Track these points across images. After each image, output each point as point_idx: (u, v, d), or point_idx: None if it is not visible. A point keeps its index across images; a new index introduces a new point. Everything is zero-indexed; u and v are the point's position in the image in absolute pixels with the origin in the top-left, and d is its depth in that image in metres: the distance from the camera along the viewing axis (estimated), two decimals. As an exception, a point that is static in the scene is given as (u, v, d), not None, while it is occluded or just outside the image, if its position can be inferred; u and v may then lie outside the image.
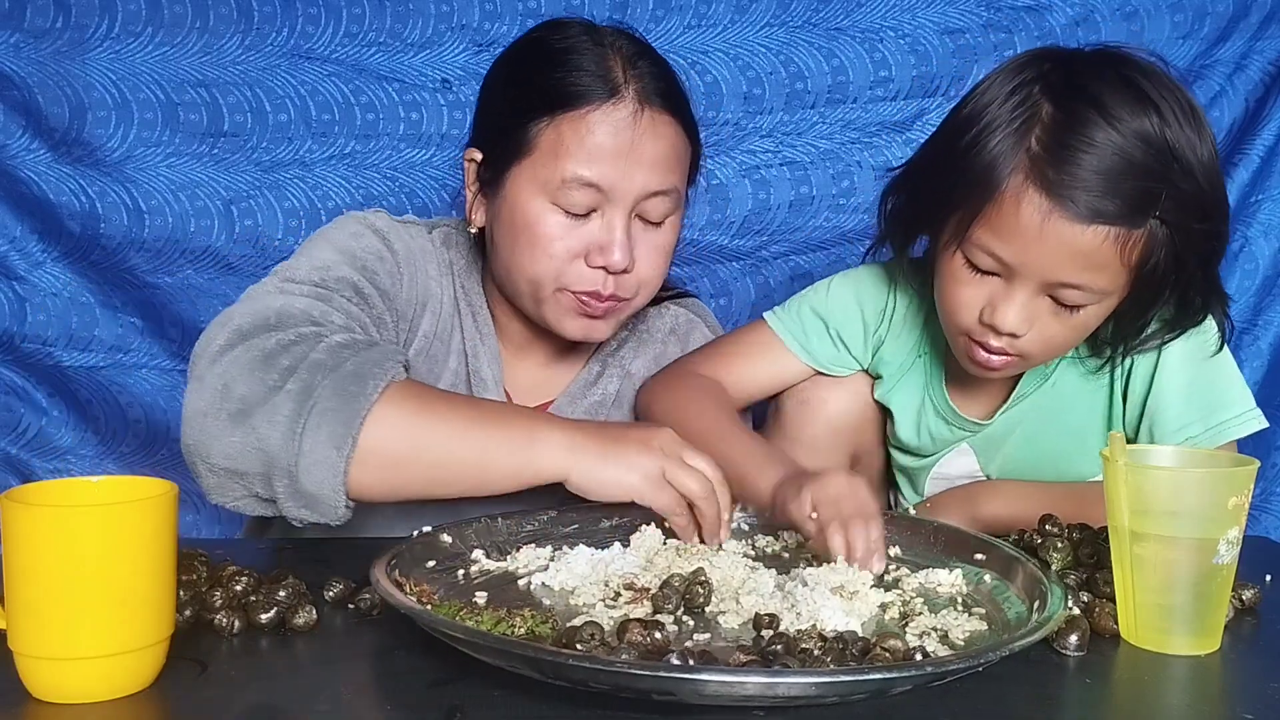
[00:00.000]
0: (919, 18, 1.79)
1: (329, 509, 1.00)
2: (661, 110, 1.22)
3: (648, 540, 1.06)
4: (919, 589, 0.98)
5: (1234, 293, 1.81)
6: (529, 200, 1.21)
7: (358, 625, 0.92)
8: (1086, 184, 1.06)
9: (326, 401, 0.98)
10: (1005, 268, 1.12)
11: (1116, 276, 1.11)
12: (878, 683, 0.75)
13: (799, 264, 1.83)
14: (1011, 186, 1.09)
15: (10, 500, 0.77)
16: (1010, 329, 1.13)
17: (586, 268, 1.21)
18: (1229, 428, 1.22)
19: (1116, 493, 0.89)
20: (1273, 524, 1.82)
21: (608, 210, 1.20)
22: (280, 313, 1.07)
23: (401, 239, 1.26)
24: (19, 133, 1.71)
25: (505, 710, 0.76)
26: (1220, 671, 0.87)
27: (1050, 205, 1.07)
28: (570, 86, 1.20)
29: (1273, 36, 1.81)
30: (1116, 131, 1.07)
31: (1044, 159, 1.08)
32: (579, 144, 1.19)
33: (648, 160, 1.20)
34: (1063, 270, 1.09)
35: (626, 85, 1.20)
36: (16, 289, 1.73)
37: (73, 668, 0.76)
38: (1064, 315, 1.14)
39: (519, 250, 1.22)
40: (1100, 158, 1.06)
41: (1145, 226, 1.08)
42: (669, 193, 1.23)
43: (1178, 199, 1.08)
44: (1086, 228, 1.07)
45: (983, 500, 1.29)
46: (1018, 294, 1.12)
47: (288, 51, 1.74)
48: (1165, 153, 1.07)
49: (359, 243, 1.22)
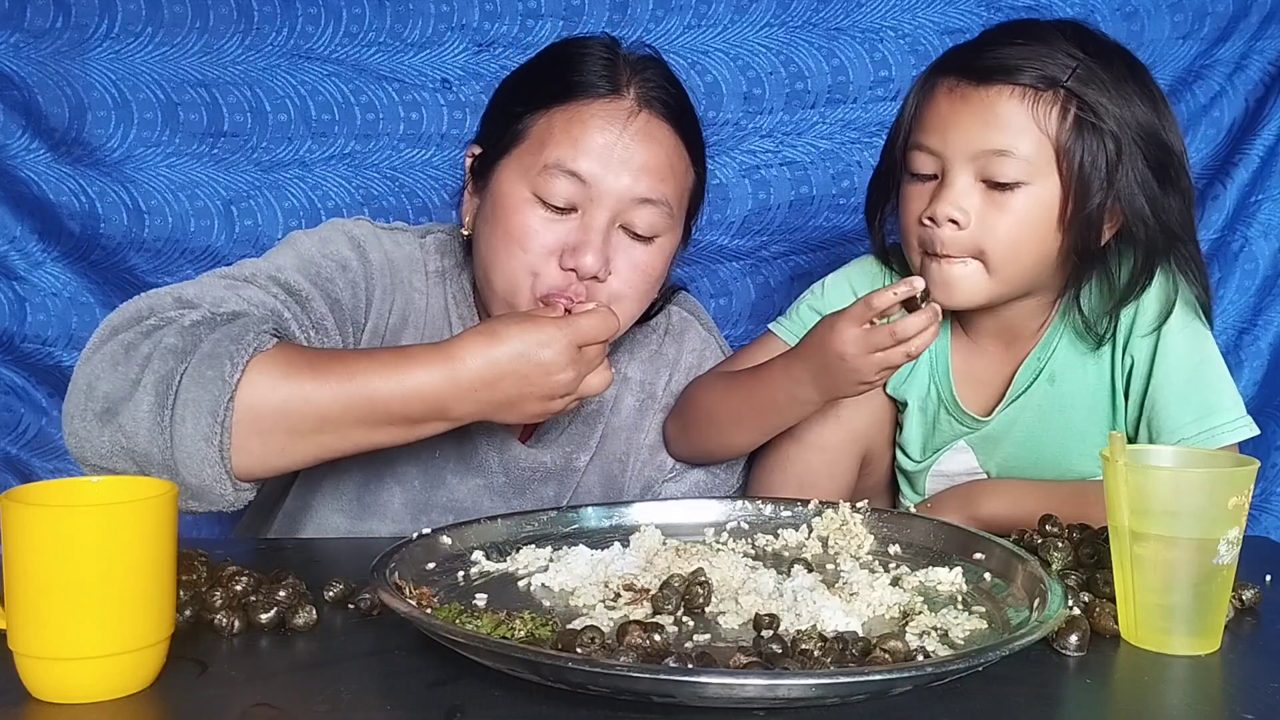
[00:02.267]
0: (919, 18, 1.79)
1: (218, 499, 0.98)
2: (660, 117, 1.20)
3: (647, 540, 1.06)
4: (919, 588, 0.98)
5: (1234, 293, 1.82)
6: (511, 189, 1.18)
7: (358, 625, 0.92)
8: (994, 59, 1.19)
9: (187, 392, 0.95)
10: (937, 159, 1.21)
11: (1039, 146, 1.17)
12: (878, 683, 0.75)
13: (799, 264, 1.83)
14: (927, 89, 1.24)
15: (10, 500, 0.77)
16: (945, 214, 1.19)
17: (558, 269, 1.17)
18: (1222, 432, 1.23)
19: (1116, 493, 0.89)
20: (1273, 524, 1.82)
21: (588, 209, 1.17)
22: (154, 302, 1.04)
23: (380, 249, 1.23)
24: (19, 133, 1.70)
25: (505, 710, 0.76)
26: (1220, 671, 0.87)
27: (957, 79, 1.20)
28: (571, 81, 1.19)
29: (1273, 36, 1.81)
30: (1028, 35, 1.20)
31: (955, 59, 1.23)
32: (566, 133, 1.17)
33: (637, 162, 1.17)
34: (980, 137, 1.18)
35: (628, 86, 1.19)
36: (16, 289, 1.73)
37: (73, 668, 0.76)
38: (1000, 198, 1.18)
39: (495, 245, 1.19)
40: (1003, 45, 1.20)
41: (1055, 95, 1.17)
42: (659, 204, 1.19)
43: (1090, 85, 1.17)
44: (990, 87, 1.18)
45: (983, 499, 1.29)
46: (953, 181, 1.19)
47: (288, 51, 1.74)
48: (1077, 48, 1.19)
49: (325, 249, 1.19)
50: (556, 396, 1.06)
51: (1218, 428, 1.23)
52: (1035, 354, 1.31)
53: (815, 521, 1.12)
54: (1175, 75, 1.81)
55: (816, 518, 1.13)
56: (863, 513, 1.12)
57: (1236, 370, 1.82)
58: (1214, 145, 1.82)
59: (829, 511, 1.13)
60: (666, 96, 1.21)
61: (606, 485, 1.36)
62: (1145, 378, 1.26)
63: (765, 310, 1.77)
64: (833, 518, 1.12)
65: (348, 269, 1.19)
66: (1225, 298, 1.82)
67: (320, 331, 1.14)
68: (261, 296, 1.09)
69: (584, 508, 1.15)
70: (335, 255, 1.19)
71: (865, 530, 1.10)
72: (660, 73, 1.23)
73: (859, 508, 1.13)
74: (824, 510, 1.13)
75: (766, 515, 1.15)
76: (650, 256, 1.21)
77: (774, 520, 1.15)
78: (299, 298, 1.13)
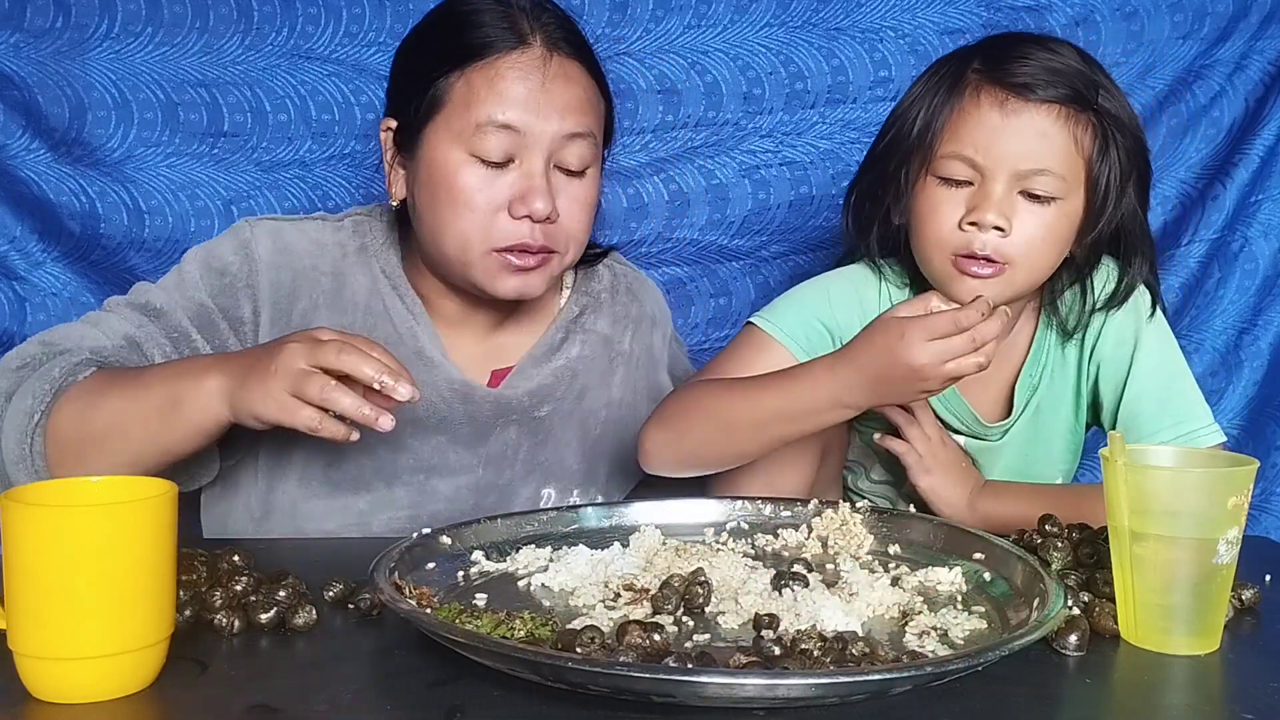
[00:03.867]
0: (919, 18, 1.79)
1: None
2: (570, 57, 1.24)
3: (647, 540, 1.06)
4: (919, 588, 0.98)
5: (1234, 293, 1.82)
6: (446, 154, 1.21)
7: (358, 625, 0.92)
8: (1033, 75, 1.19)
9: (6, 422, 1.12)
10: (976, 169, 1.20)
11: (1074, 167, 1.20)
12: (878, 683, 0.75)
13: (799, 264, 1.83)
14: (966, 97, 1.22)
15: (10, 500, 0.77)
16: (993, 221, 1.19)
17: (510, 220, 1.21)
18: (1197, 437, 1.26)
19: (1116, 493, 0.89)
20: (1273, 524, 1.81)
21: (525, 158, 1.21)
22: (24, 348, 1.19)
23: (274, 244, 1.28)
24: (19, 133, 1.70)
25: (505, 710, 0.76)
26: (1220, 671, 0.87)
27: (1006, 94, 1.20)
28: (477, 39, 1.22)
29: (1273, 36, 1.81)
30: (1047, 49, 1.22)
31: (988, 70, 1.22)
32: (490, 89, 1.20)
33: (560, 103, 1.21)
34: (1028, 154, 1.19)
35: (533, 34, 1.23)
36: (16, 289, 1.73)
37: (73, 668, 0.76)
38: (1037, 209, 1.20)
39: (440, 210, 1.22)
40: (1039, 62, 1.20)
41: (1089, 115, 1.20)
42: (585, 136, 1.23)
43: (1108, 102, 1.22)
44: (1041, 105, 1.19)
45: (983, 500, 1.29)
46: (993, 190, 1.19)
47: (288, 51, 1.74)
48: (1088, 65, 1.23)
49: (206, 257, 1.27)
50: None
51: (1194, 432, 1.26)
52: (1029, 364, 1.32)
53: (815, 521, 1.12)
54: (1175, 75, 1.81)
55: (816, 518, 1.13)
56: (863, 513, 1.12)
57: (1236, 370, 1.82)
58: (1214, 145, 1.82)
59: (829, 511, 1.13)
60: (569, 35, 1.26)
61: (582, 439, 1.39)
62: (1120, 386, 1.29)
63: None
64: (832, 518, 1.12)
65: (225, 274, 1.27)
66: (1225, 298, 1.82)
67: (180, 342, 1.23)
68: (118, 324, 1.22)
69: (584, 508, 1.15)
70: (214, 262, 1.27)
71: (865, 530, 1.10)
72: (554, 13, 1.27)
73: (859, 508, 1.13)
74: (824, 510, 1.13)
75: (766, 515, 1.15)
76: (585, 189, 1.26)
77: (774, 520, 1.15)
78: (154, 315, 1.23)
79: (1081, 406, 1.34)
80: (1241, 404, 1.82)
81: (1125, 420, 1.27)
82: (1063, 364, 1.32)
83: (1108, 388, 1.30)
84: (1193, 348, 1.80)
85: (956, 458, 1.33)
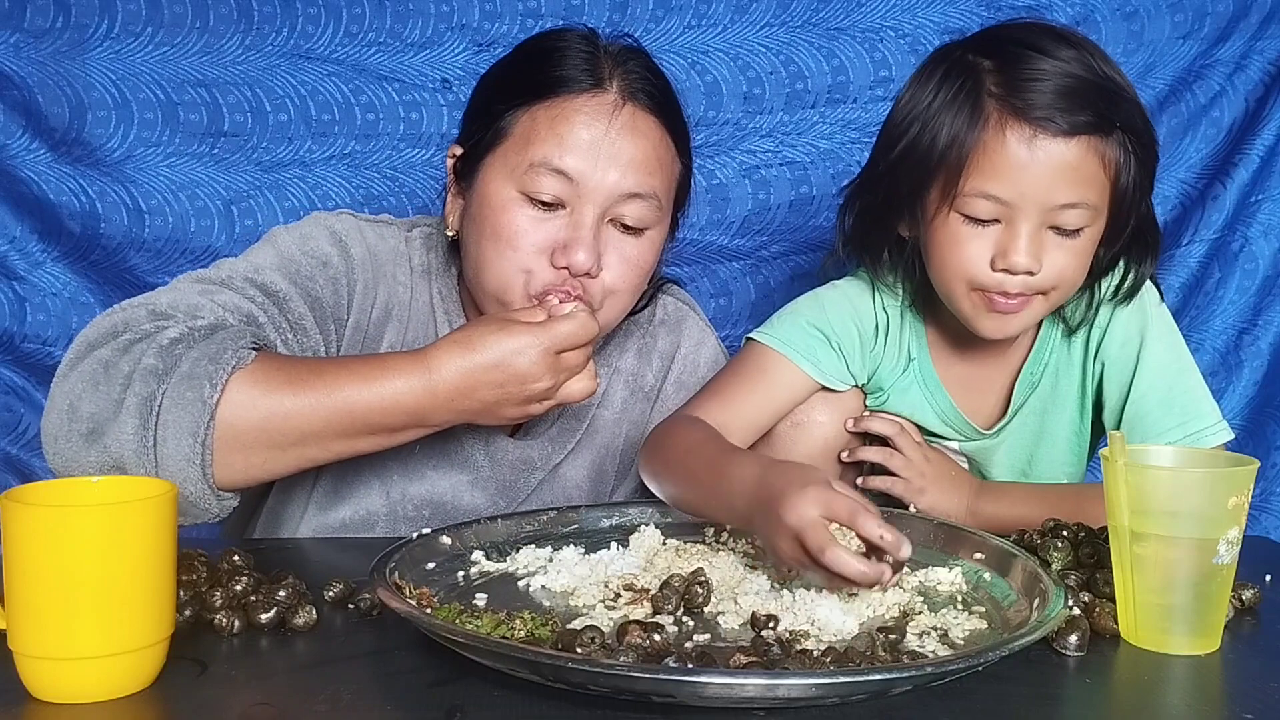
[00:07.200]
0: (919, 18, 1.79)
1: (203, 513, 1.01)
2: (645, 110, 1.18)
3: (647, 540, 1.06)
4: (919, 588, 0.98)
5: (1234, 293, 1.82)
6: (497, 189, 1.17)
7: (358, 625, 0.92)
8: (1056, 104, 1.13)
9: (168, 414, 0.96)
10: (1004, 208, 1.15)
11: (1102, 190, 1.16)
12: (878, 683, 0.76)
13: (799, 264, 1.83)
14: (990, 130, 1.14)
15: (10, 500, 0.77)
16: (1025, 266, 1.15)
17: (551, 267, 1.16)
18: (1204, 437, 1.24)
19: (1116, 493, 0.89)
20: (1273, 524, 1.82)
21: (578, 207, 1.15)
22: (129, 315, 1.04)
23: (363, 243, 1.22)
24: (19, 133, 1.70)
25: (505, 710, 0.76)
26: (1220, 671, 0.87)
27: (1033, 130, 1.13)
28: (551, 76, 1.17)
29: (1273, 36, 1.81)
30: (1057, 59, 1.15)
31: (1007, 98, 1.14)
32: (551, 129, 1.15)
33: (625, 157, 1.16)
34: (1058, 190, 1.13)
35: (610, 80, 1.18)
36: (16, 289, 1.73)
37: (73, 668, 0.76)
38: (1067, 243, 1.17)
39: (484, 245, 1.17)
40: (1056, 81, 1.14)
41: (1115, 134, 1.15)
42: (647, 198, 1.17)
43: (1129, 109, 1.16)
44: (1070, 139, 1.13)
45: (982, 503, 1.29)
46: (1023, 230, 1.15)
47: (288, 51, 1.74)
48: (1104, 71, 1.16)
49: (305, 245, 1.18)
50: (534, 401, 1.06)
51: (1201, 431, 1.24)
52: (1030, 362, 1.31)
53: (815, 521, 1.12)
54: (1175, 75, 1.81)
55: (816, 518, 1.12)
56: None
57: (1236, 370, 1.83)
58: (1214, 145, 1.82)
59: (829, 511, 1.12)
60: (650, 88, 1.20)
61: (595, 478, 1.35)
62: (1126, 386, 1.27)
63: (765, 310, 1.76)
64: (833, 518, 1.11)
65: (328, 265, 1.18)
66: (1225, 298, 1.82)
67: (299, 332, 1.13)
68: (237, 301, 1.09)
69: (584, 508, 1.15)
70: (316, 252, 1.18)
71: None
72: (642, 63, 1.21)
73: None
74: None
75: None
76: (640, 250, 1.20)
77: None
78: (276, 299, 1.12)
79: (1086, 406, 1.32)
80: (1241, 404, 1.82)
81: (1131, 419, 1.25)
82: (1068, 362, 1.31)
83: (1112, 387, 1.28)
84: (1193, 348, 1.79)
85: (945, 469, 1.32)
